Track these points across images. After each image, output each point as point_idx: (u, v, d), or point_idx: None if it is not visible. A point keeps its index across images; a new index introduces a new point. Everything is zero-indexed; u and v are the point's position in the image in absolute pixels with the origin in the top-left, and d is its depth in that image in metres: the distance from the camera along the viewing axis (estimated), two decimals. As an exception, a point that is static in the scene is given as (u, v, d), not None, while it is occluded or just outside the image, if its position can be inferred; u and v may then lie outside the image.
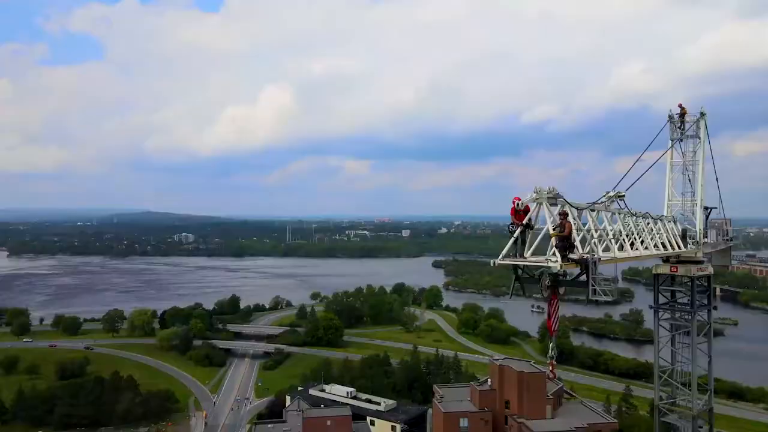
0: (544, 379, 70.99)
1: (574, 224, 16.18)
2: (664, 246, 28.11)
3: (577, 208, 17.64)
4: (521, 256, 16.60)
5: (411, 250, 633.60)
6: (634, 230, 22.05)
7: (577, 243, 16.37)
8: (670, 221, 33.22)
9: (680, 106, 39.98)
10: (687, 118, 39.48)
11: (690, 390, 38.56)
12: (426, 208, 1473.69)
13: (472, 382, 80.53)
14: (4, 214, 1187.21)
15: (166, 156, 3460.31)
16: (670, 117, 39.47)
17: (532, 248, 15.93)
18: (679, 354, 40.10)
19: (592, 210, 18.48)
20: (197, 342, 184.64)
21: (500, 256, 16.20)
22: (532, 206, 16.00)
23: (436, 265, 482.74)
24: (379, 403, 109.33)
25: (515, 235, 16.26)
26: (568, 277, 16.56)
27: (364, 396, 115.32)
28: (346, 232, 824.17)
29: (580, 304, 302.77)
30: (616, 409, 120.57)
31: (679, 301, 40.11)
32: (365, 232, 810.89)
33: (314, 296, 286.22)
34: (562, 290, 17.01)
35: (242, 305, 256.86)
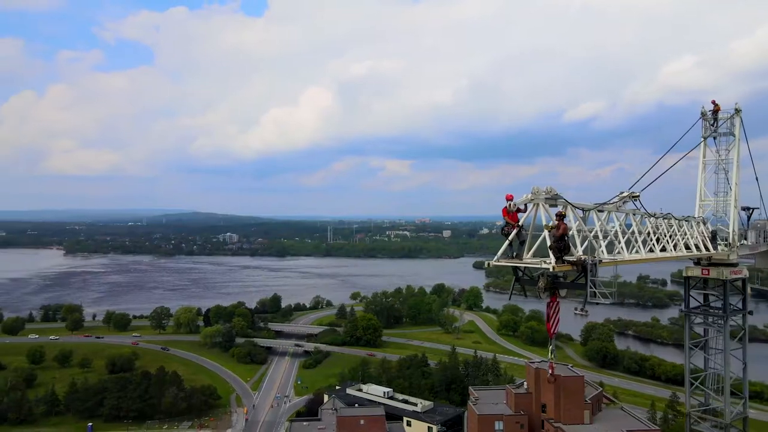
0: (582, 383, 69.51)
1: (576, 225, 15.83)
2: (688, 248, 26.84)
3: (583, 209, 17.18)
4: (518, 257, 16.42)
5: (451, 251, 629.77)
6: (651, 232, 21.18)
7: (578, 245, 16.00)
8: (698, 222, 31.73)
9: (713, 102, 38.13)
10: (720, 115, 37.62)
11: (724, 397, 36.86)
12: (467, 208, 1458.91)
13: (507, 385, 79.46)
14: (61, 214, 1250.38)
15: (211, 158, 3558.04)
16: (703, 114, 37.51)
17: (532, 249, 15.68)
18: (711, 360, 38.36)
19: (600, 211, 17.93)
20: (239, 340, 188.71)
21: (495, 258, 16.07)
22: (529, 206, 15.76)
23: (477, 266, 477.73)
24: (415, 404, 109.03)
25: (510, 236, 16.08)
26: (567, 279, 16.24)
27: (400, 396, 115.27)
28: (387, 232, 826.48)
29: (614, 307, 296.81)
30: (662, 416, 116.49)
31: (712, 304, 38.33)
32: (406, 232, 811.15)
33: (354, 296, 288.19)
34: (564, 293, 16.67)
35: (283, 304, 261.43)
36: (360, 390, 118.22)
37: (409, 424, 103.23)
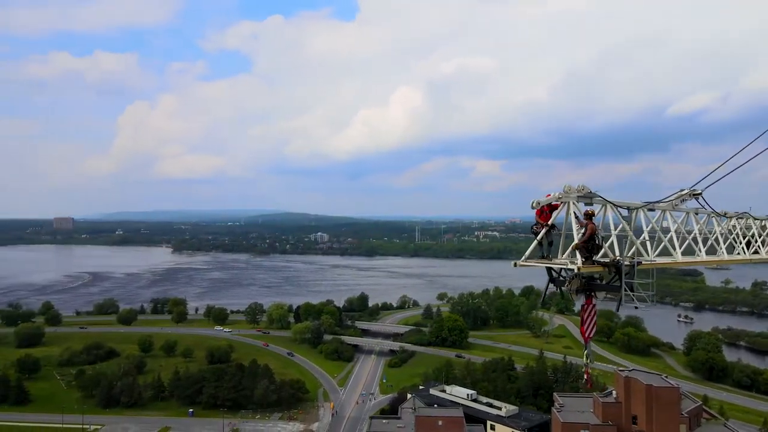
0: (677, 395, 64.98)
1: (619, 226, 14.82)
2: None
3: (628, 208, 16.10)
4: (547, 257, 15.81)
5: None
6: (720, 233, 19.10)
7: (616, 246, 15.02)
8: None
9: None
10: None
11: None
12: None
13: (595, 393, 75.83)
14: (170, 215, 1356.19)
15: (305, 159, 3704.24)
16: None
17: (568, 250, 14.91)
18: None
19: (651, 210, 16.63)
20: (327, 337, 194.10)
21: (522, 258, 15.56)
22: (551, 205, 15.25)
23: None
24: (500, 408, 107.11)
25: (539, 236, 15.52)
26: (603, 280, 15.37)
27: (484, 399, 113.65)
28: (476, 233, 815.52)
29: (725, 315, 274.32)
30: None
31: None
32: (495, 233, 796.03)
33: (441, 297, 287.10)
34: (602, 295, 15.80)
35: (370, 303, 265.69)
36: (443, 391, 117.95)
37: (492, 428, 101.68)
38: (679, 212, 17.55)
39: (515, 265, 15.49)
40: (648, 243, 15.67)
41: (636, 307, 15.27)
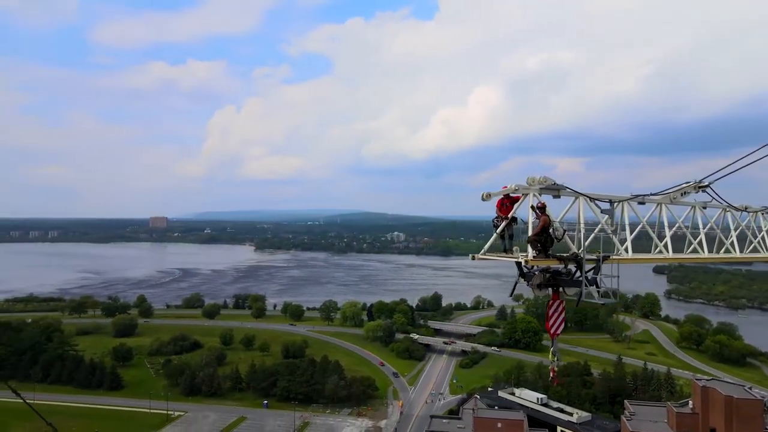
0: (760, 408, 59.93)
1: (603, 221, 13.97)
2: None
3: (611, 201, 15.09)
4: (507, 251, 15.24)
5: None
6: (732, 227, 17.18)
7: (582, 241, 14.15)
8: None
9: None
10: None
11: None
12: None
13: (669, 402, 71.47)
14: (253, 215, 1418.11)
15: (382, 159, 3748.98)
16: None
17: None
18: None
19: (641, 203, 15.43)
20: (399, 335, 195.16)
21: (482, 251, 15.09)
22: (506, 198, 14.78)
23: (658, 270, 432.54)
24: (571, 414, 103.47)
25: (499, 228, 15.03)
26: (567, 276, 14.51)
27: (555, 404, 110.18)
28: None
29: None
30: None
31: None
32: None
33: (516, 298, 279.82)
34: (572, 291, 14.92)
35: (444, 303, 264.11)
36: (512, 393, 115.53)
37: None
38: (681, 206, 16.26)
39: (473, 258, 15.30)
40: (628, 238, 14.79)
41: (602, 304, 14.51)
